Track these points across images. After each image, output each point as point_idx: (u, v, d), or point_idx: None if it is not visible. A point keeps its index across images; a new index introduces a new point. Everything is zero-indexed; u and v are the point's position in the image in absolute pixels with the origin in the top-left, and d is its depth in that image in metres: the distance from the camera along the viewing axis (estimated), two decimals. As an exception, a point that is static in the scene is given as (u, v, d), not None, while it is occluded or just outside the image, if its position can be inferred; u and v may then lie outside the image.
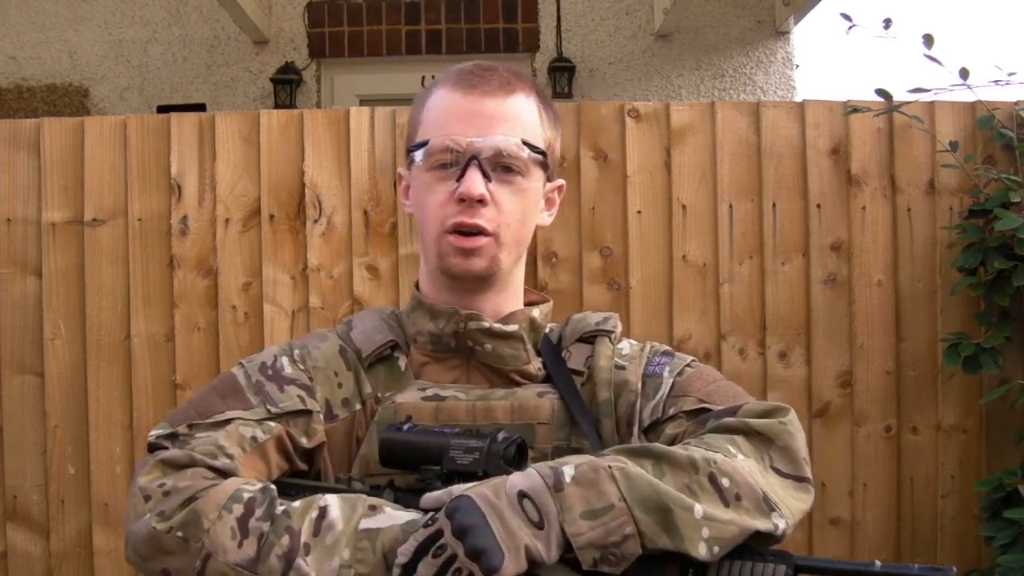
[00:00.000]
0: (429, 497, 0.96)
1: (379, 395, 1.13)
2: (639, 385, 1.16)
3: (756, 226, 2.66)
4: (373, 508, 0.96)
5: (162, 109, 4.50)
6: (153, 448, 1.04)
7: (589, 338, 1.20)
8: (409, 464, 1.04)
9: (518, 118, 1.14)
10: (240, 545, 0.93)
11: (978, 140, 2.68)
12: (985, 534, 2.52)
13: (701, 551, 0.91)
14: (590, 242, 2.65)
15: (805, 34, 4.94)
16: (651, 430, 1.14)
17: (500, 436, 1.01)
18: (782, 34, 4.89)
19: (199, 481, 0.98)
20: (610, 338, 1.20)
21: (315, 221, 2.62)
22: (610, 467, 0.93)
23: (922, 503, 2.65)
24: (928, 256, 2.67)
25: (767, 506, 0.97)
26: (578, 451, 1.07)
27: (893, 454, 2.66)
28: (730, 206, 2.66)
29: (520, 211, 1.14)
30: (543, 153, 1.16)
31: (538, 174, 1.17)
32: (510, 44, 4.87)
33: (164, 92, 4.86)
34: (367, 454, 1.10)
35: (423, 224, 1.15)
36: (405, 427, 1.05)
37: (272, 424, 1.07)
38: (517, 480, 0.93)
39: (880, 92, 2.59)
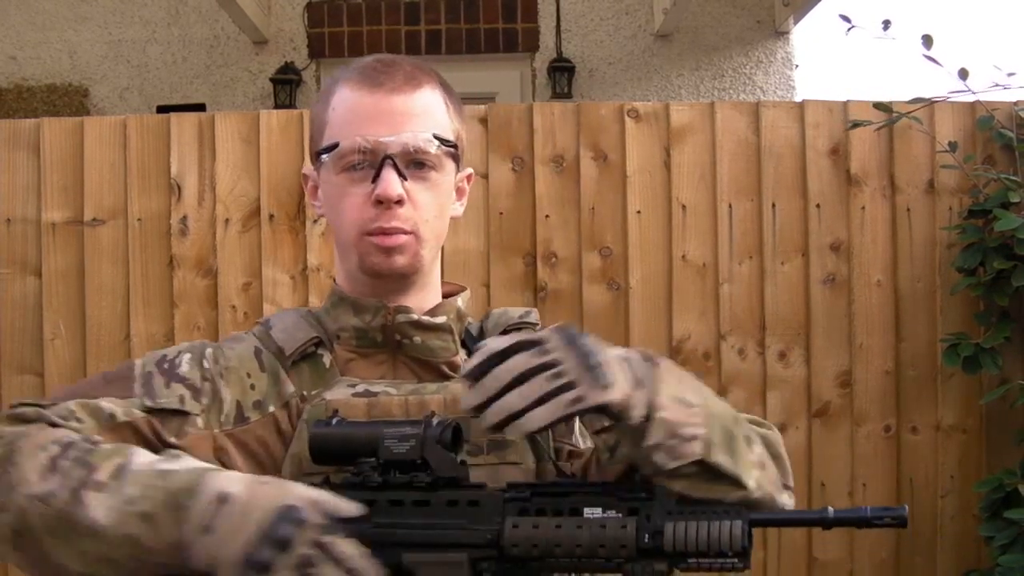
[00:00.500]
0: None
1: (304, 393, 1.10)
2: None
3: (756, 226, 2.66)
4: (177, 456, 0.95)
5: (162, 109, 4.50)
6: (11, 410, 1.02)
7: (512, 331, 1.19)
8: (342, 458, 1.01)
9: (427, 112, 1.11)
10: (43, 479, 0.92)
11: (978, 140, 2.68)
12: (985, 534, 2.52)
13: (751, 484, 0.94)
14: (590, 242, 2.65)
15: (805, 34, 4.94)
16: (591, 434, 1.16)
17: (435, 421, 0.99)
18: (782, 34, 4.89)
19: (24, 429, 0.97)
20: (533, 331, 1.18)
21: (315, 221, 2.62)
22: (694, 382, 0.97)
23: (922, 503, 2.65)
24: (928, 256, 2.68)
25: (783, 484, 1.02)
26: (512, 443, 1.07)
27: (893, 454, 2.66)
28: (730, 206, 2.66)
29: (437, 206, 1.13)
30: (454, 146, 1.14)
31: (450, 166, 1.15)
32: (510, 44, 4.86)
33: (164, 92, 4.86)
34: (298, 453, 1.07)
35: (339, 227, 1.14)
36: (334, 421, 1.03)
37: (138, 412, 1.04)
38: (616, 349, 0.94)
39: (879, 106, 2.59)
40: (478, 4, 4.84)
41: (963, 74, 2.60)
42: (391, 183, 1.08)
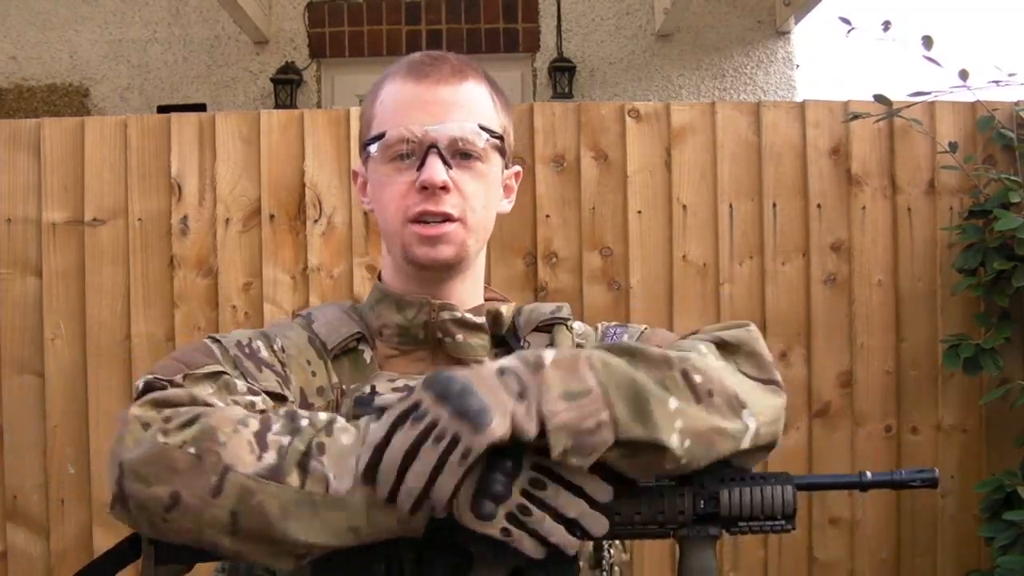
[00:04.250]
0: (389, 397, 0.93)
1: (344, 387, 1.10)
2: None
3: (756, 226, 2.66)
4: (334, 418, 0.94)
5: (162, 109, 4.51)
6: (147, 389, 0.95)
7: (545, 327, 1.19)
8: None
9: (472, 104, 1.13)
10: (260, 458, 0.86)
11: (978, 140, 2.68)
12: (985, 535, 2.52)
13: (673, 441, 0.89)
14: (590, 242, 2.65)
15: (806, 34, 4.94)
16: None
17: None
18: (782, 34, 4.89)
19: (203, 408, 0.91)
20: (567, 326, 1.20)
21: (315, 221, 2.62)
22: (590, 356, 0.91)
23: (922, 503, 2.65)
24: (928, 256, 2.67)
25: (738, 404, 0.96)
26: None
27: (893, 454, 2.65)
28: (730, 206, 2.66)
29: (483, 196, 1.13)
30: (500, 137, 1.15)
31: (496, 159, 1.16)
32: (510, 44, 4.87)
33: (164, 92, 4.87)
34: None
35: (384, 218, 1.14)
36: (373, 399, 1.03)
37: (259, 399, 1.01)
38: (496, 362, 0.91)
39: (879, 98, 2.59)
40: (479, 4, 4.84)
41: (963, 75, 2.60)
42: (436, 170, 1.08)
